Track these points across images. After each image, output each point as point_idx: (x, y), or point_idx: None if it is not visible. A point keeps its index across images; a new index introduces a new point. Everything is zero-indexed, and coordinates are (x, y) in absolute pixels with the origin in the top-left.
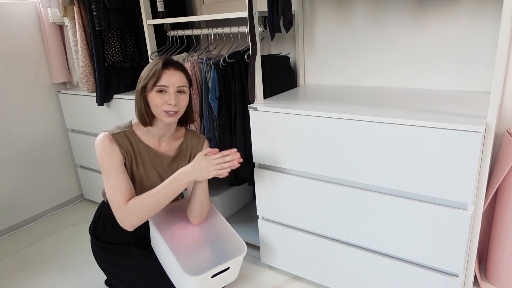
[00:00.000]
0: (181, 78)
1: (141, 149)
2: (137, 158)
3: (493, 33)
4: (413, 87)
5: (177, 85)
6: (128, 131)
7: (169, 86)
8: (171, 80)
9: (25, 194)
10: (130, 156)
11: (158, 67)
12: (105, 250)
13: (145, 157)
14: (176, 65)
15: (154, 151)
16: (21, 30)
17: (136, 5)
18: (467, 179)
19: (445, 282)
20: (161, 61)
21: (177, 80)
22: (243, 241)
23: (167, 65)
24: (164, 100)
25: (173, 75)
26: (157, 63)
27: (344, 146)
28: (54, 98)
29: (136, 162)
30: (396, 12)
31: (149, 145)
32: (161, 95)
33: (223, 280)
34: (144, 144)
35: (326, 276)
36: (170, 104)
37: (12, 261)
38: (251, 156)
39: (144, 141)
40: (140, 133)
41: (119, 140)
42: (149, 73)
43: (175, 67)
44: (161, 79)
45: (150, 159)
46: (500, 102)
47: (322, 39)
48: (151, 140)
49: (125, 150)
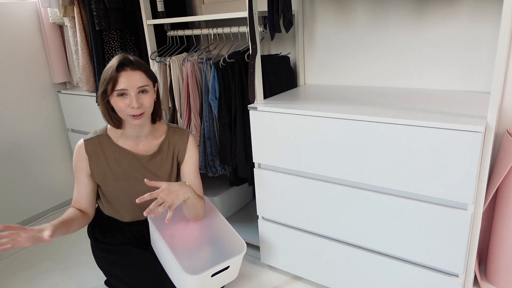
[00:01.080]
0: (140, 77)
1: (116, 152)
2: (110, 162)
3: (493, 33)
4: (413, 87)
5: (137, 86)
6: (101, 136)
7: (128, 89)
8: (130, 83)
9: (25, 194)
10: (101, 162)
11: (113, 70)
12: (105, 250)
13: (120, 159)
14: (133, 65)
15: (131, 153)
16: (21, 30)
17: (136, 5)
18: (467, 179)
19: (445, 282)
20: (115, 62)
21: (136, 81)
22: (243, 240)
23: (123, 66)
24: (126, 103)
25: (131, 76)
26: (112, 65)
27: (344, 146)
28: (54, 98)
29: (109, 166)
30: (396, 12)
31: (124, 147)
32: (123, 99)
33: (223, 279)
34: (118, 147)
35: (326, 276)
36: (133, 107)
37: (12, 261)
38: (251, 156)
39: (119, 144)
40: (114, 136)
41: (90, 148)
42: (106, 77)
43: (132, 67)
44: (119, 83)
45: (127, 161)
46: (500, 102)
47: (322, 39)
48: (127, 142)
49: (95, 158)
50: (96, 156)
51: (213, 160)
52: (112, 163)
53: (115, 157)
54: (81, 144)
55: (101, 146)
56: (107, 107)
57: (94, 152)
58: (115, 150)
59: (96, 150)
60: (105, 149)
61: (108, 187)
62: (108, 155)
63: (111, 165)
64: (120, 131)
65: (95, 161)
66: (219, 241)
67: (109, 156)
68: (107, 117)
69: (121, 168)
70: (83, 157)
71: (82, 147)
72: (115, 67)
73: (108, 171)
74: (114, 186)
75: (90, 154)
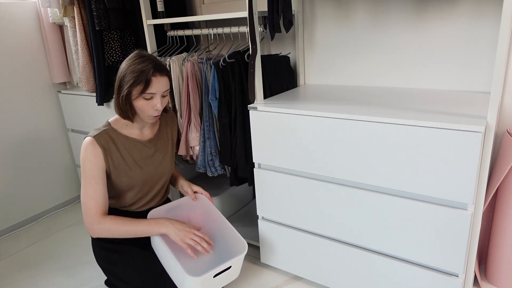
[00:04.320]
0: (166, 83)
1: (126, 143)
2: (123, 153)
3: (493, 33)
4: (413, 87)
5: (163, 91)
6: (109, 130)
7: (156, 93)
8: (159, 88)
9: (25, 194)
10: (115, 154)
11: (149, 73)
12: (106, 249)
13: (131, 149)
14: (163, 70)
15: (139, 141)
16: (21, 30)
17: (136, 5)
18: (467, 179)
19: (445, 282)
20: (151, 67)
21: (164, 86)
22: (244, 240)
23: (157, 71)
24: (151, 105)
25: (160, 82)
26: (146, 68)
27: (344, 146)
28: (54, 98)
29: (123, 157)
30: (396, 12)
31: (132, 137)
32: (148, 101)
33: (225, 279)
34: (127, 138)
35: (326, 276)
36: (156, 109)
37: (12, 261)
38: (251, 156)
39: (126, 134)
40: (120, 128)
41: (102, 141)
42: (137, 79)
43: (162, 73)
44: (151, 87)
45: (137, 149)
46: (500, 102)
47: (322, 39)
48: (133, 132)
49: (109, 151)
50: (109, 150)
51: (213, 160)
52: (125, 153)
53: (126, 148)
54: (92, 140)
55: (112, 139)
56: (125, 102)
57: (107, 145)
58: (124, 141)
59: (108, 144)
60: (116, 141)
61: (121, 177)
62: (119, 147)
63: (124, 156)
64: (126, 122)
65: (110, 155)
66: (220, 241)
67: (121, 147)
68: (128, 114)
69: (132, 157)
70: (98, 152)
71: (95, 142)
72: (152, 71)
73: (123, 162)
74: (129, 175)
75: (104, 148)
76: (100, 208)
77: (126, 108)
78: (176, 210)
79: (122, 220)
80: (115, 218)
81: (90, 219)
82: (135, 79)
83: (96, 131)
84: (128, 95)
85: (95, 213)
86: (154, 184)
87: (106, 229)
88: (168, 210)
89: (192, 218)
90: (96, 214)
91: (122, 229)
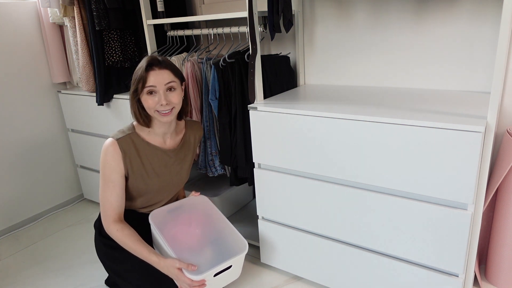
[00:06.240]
0: (168, 75)
1: (147, 150)
2: (143, 160)
3: (493, 33)
4: (413, 87)
5: (164, 83)
6: (133, 134)
7: (156, 86)
8: (158, 80)
9: (25, 194)
10: (136, 160)
11: (142, 70)
12: (109, 247)
13: (151, 156)
14: (161, 64)
15: (160, 149)
16: (21, 30)
17: (136, 5)
18: (467, 179)
19: (445, 282)
20: (149, 61)
21: (164, 78)
22: (244, 239)
23: (151, 66)
24: (155, 100)
25: (159, 75)
26: (141, 65)
27: (344, 146)
28: (54, 98)
29: (142, 164)
30: (396, 12)
31: (154, 144)
32: (152, 97)
33: (226, 278)
34: (149, 144)
35: (326, 276)
36: (161, 104)
37: (12, 261)
38: (251, 156)
39: (149, 141)
40: (143, 134)
41: (124, 146)
42: (136, 77)
43: (160, 66)
44: (148, 81)
45: (157, 157)
46: (500, 102)
47: (322, 39)
48: (155, 139)
49: (129, 156)
50: (130, 154)
51: (213, 160)
52: (145, 160)
53: (147, 155)
54: (114, 142)
55: (134, 144)
56: (138, 106)
57: (128, 150)
58: (146, 147)
59: (130, 148)
60: (138, 147)
61: (138, 183)
62: (141, 153)
63: (144, 163)
64: (148, 129)
65: (130, 159)
66: (220, 241)
67: (142, 153)
68: (138, 115)
69: (151, 164)
70: (118, 156)
71: (116, 145)
72: (145, 67)
73: (142, 168)
74: (146, 182)
75: (125, 152)
76: (115, 211)
77: (137, 109)
78: (177, 211)
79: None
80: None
81: (106, 220)
82: (135, 77)
83: (120, 134)
84: (134, 93)
85: (111, 216)
86: (167, 193)
87: (114, 236)
88: (169, 211)
89: (193, 218)
90: (110, 216)
91: (128, 246)
